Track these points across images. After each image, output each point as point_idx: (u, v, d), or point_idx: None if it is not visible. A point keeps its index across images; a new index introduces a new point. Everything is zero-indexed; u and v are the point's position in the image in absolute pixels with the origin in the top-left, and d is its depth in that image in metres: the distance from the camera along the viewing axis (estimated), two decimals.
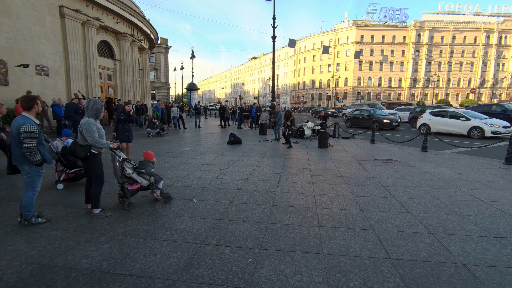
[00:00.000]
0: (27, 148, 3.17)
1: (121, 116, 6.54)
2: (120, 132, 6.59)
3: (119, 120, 6.52)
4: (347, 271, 2.56)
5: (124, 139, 6.61)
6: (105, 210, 3.82)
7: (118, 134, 6.59)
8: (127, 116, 6.61)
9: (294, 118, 10.65)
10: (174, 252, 2.86)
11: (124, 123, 6.57)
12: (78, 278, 2.41)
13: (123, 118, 6.55)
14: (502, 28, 59.31)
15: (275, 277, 2.47)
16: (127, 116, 6.61)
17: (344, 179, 5.77)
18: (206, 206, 4.19)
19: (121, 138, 6.57)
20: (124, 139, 6.61)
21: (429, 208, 4.15)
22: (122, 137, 6.60)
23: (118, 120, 6.52)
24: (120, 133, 6.59)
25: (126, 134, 6.67)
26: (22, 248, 2.93)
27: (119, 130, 6.57)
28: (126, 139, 6.66)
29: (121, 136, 6.58)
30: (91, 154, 3.50)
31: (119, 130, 6.58)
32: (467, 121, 13.12)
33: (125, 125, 6.61)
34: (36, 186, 3.46)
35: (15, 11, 11.82)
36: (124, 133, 6.63)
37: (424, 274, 2.52)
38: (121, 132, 6.60)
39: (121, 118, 6.53)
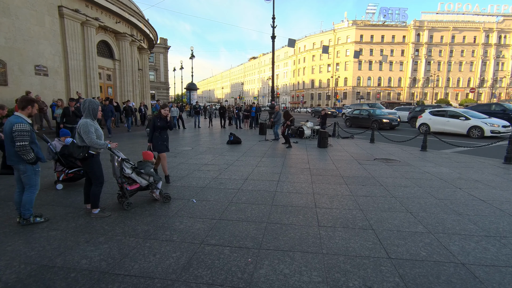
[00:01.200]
0: (20, 146, 3.18)
1: (158, 123, 5.20)
2: (158, 141, 5.26)
3: (155, 128, 5.23)
4: (346, 271, 2.56)
5: (163, 149, 5.33)
6: (104, 210, 3.82)
7: (155, 144, 5.25)
8: (165, 122, 5.26)
9: (293, 118, 10.63)
10: (173, 252, 2.85)
11: (161, 130, 5.28)
12: (77, 279, 2.41)
13: (160, 125, 5.20)
14: (501, 28, 59.35)
15: (274, 277, 2.46)
16: (164, 122, 5.25)
17: (343, 179, 5.77)
18: (206, 206, 4.18)
19: (160, 149, 5.28)
20: (163, 149, 5.33)
21: (428, 208, 4.15)
22: (161, 147, 5.29)
23: (154, 127, 5.23)
24: (158, 142, 5.26)
25: (165, 144, 5.36)
26: (21, 248, 2.92)
27: (155, 139, 5.25)
28: (165, 149, 5.37)
29: (159, 147, 5.27)
30: (89, 155, 3.50)
31: (156, 139, 5.26)
32: (466, 121, 13.13)
33: (163, 133, 5.33)
34: (35, 184, 3.46)
35: (14, 11, 11.80)
36: (162, 143, 5.31)
37: (424, 274, 2.52)
38: (159, 141, 5.27)
39: (157, 125, 5.20)
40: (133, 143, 10.57)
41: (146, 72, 25.29)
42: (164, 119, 5.26)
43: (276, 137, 11.92)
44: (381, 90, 60.77)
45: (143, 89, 23.77)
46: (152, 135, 5.24)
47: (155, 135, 5.24)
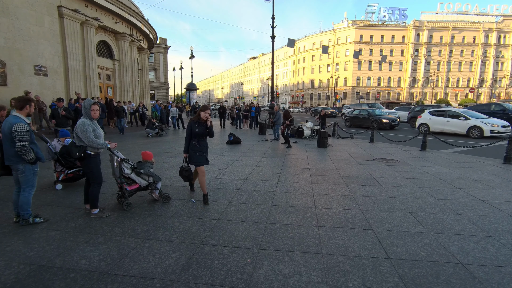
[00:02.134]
0: (20, 146, 3.18)
1: (195, 129, 4.18)
2: (196, 151, 4.23)
3: (193, 134, 4.20)
4: (346, 271, 2.56)
5: (201, 162, 4.25)
6: (103, 210, 3.81)
7: (191, 155, 4.25)
8: (204, 127, 4.21)
9: (293, 118, 10.64)
10: (172, 253, 2.85)
11: (200, 138, 4.24)
12: (76, 279, 2.40)
13: (198, 131, 4.17)
14: (501, 28, 59.42)
15: (273, 277, 2.46)
16: (204, 128, 4.21)
17: (343, 179, 5.77)
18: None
19: (198, 161, 4.23)
20: (201, 162, 4.25)
21: (428, 208, 4.15)
22: (199, 159, 4.23)
23: (191, 134, 4.22)
24: (196, 153, 4.22)
25: (204, 156, 4.31)
26: (20, 249, 2.92)
27: (192, 149, 4.23)
28: (204, 161, 4.31)
29: (197, 158, 4.23)
30: (86, 155, 3.49)
31: (193, 150, 4.22)
32: (466, 121, 13.15)
33: (202, 141, 4.28)
34: (32, 184, 3.46)
35: (14, 11, 11.79)
36: (201, 154, 4.27)
37: (423, 274, 2.52)
38: (197, 151, 4.23)
39: (195, 131, 4.18)
40: (133, 143, 10.56)
41: (145, 72, 25.29)
42: (203, 124, 4.19)
43: (276, 137, 11.93)
44: (381, 90, 60.80)
45: (143, 89, 23.77)
46: (189, 144, 4.24)
47: (192, 144, 4.21)
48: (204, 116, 4.18)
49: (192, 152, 4.25)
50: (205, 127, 4.21)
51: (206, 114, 4.19)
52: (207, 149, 4.43)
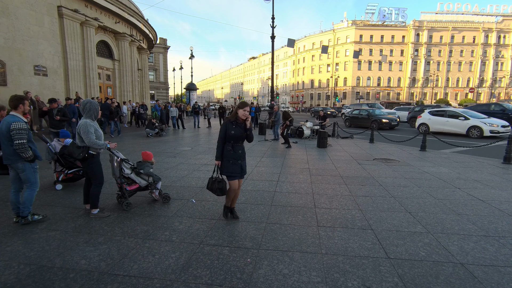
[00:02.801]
0: (19, 144, 3.20)
1: (232, 130, 3.38)
2: (230, 159, 3.41)
3: (228, 138, 3.40)
4: (345, 271, 2.56)
5: (236, 173, 3.46)
6: (103, 210, 3.82)
7: (225, 164, 3.43)
8: (243, 129, 3.44)
9: (292, 118, 10.64)
10: (172, 253, 2.85)
11: (236, 142, 3.44)
12: (76, 279, 2.40)
13: (234, 133, 3.38)
14: (500, 28, 59.42)
15: (273, 277, 2.46)
16: (241, 130, 3.42)
17: (343, 179, 5.77)
18: (205, 206, 4.18)
19: (232, 172, 3.43)
20: (236, 173, 3.46)
21: (427, 208, 4.16)
22: (233, 169, 3.43)
23: (226, 137, 3.41)
24: (230, 161, 3.41)
25: (239, 165, 3.47)
26: (20, 249, 2.92)
27: (227, 155, 3.41)
28: (239, 172, 3.48)
29: (231, 168, 3.42)
30: (89, 155, 3.50)
31: (228, 156, 3.41)
32: (466, 121, 13.15)
33: (238, 146, 3.45)
34: (35, 182, 3.49)
35: (14, 11, 11.79)
36: (235, 162, 3.43)
37: (423, 274, 2.52)
38: (230, 159, 3.41)
39: (231, 133, 3.38)
40: (133, 144, 10.56)
41: (145, 72, 25.29)
42: (241, 124, 3.41)
43: (276, 137, 11.93)
44: (381, 90, 60.80)
45: (143, 89, 23.78)
46: (222, 149, 3.42)
47: (227, 150, 3.40)
48: (243, 115, 3.38)
49: (226, 160, 3.41)
50: (244, 129, 3.42)
51: (245, 112, 3.38)
52: (244, 156, 3.54)
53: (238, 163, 3.46)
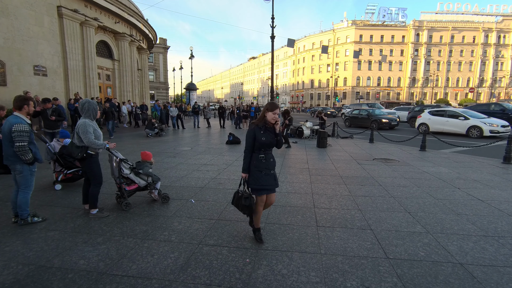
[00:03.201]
0: (19, 146, 3.19)
1: (261, 136, 2.87)
2: (261, 169, 2.89)
3: (259, 145, 2.88)
4: (344, 271, 2.56)
5: (268, 185, 2.91)
6: (102, 210, 3.81)
7: (254, 175, 2.89)
8: (273, 134, 2.93)
9: (292, 117, 10.64)
10: (171, 253, 2.85)
11: (266, 150, 2.94)
12: (75, 279, 2.40)
13: (265, 140, 2.87)
14: (500, 28, 59.41)
15: (272, 277, 2.46)
16: (271, 136, 2.91)
17: (342, 179, 5.77)
18: (204, 206, 4.18)
19: (263, 185, 2.89)
20: (268, 185, 2.91)
21: (427, 208, 4.15)
22: (264, 181, 2.89)
23: (254, 144, 2.90)
24: (261, 172, 2.89)
25: (272, 175, 2.96)
26: (19, 249, 2.92)
27: (257, 164, 2.90)
28: (272, 184, 2.95)
29: (262, 180, 2.88)
30: (88, 155, 3.49)
31: (258, 166, 2.89)
32: (465, 121, 13.15)
33: (268, 154, 2.96)
34: (30, 185, 3.47)
35: (13, 11, 11.79)
36: (267, 172, 2.92)
37: (422, 274, 2.52)
38: (263, 169, 2.90)
39: (261, 140, 2.87)
40: (132, 144, 10.56)
41: (145, 72, 25.30)
42: (271, 129, 2.92)
43: None
44: (381, 90, 60.80)
45: (143, 89, 23.78)
46: (250, 159, 2.92)
47: (257, 159, 2.88)
48: (272, 118, 2.87)
49: (255, 170, 2.87)
50: (274, 134, 2.92)
51: (275, 115, 2.87)
52: (275, 165, 3.03)
53: (271, 173, 2.95)
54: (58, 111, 7.85)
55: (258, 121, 2.97)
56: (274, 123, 2.93)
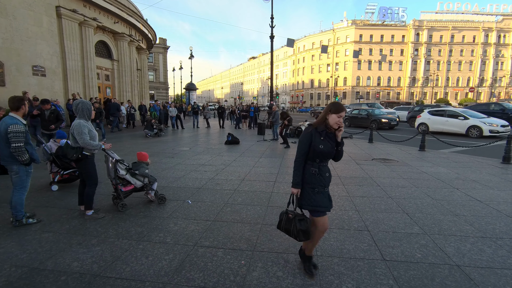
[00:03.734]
0: (15, 147, 3.19)
1: (319, 144, 2.32)
2: (315, 185, 2.37)
3: (315, 154, 2.34)
4: (340, 273, 2.53)
5: (325, 205, 2.38)
6: (98, 211, 3.79)
7: (308, 191, 2.37)
8: (333, 142, 2.38)
9: (291, 117, 10.61)
10: (166, 255, 2.82)
11: (322, 161, 2.40)
12: (67, 282, 2.38)
13: (323, 149, 2.32)
14: (500, 27, 59.33)
15: (267, 280, 2.44)
16: (332, 144, 2.37)
17: (340, 179, 5.74)
18: (201, 207, 4.15)
19: (321, 204, 2.36)
20: (325, 205, 2.38)
21: (425, 209, 4.13)
22: (319, 200, 2.35)
23: (308, 154, 2.37)
24: (314, 188, 2.36)
25: (327, 193, 2.43)
26: (13, 250, 2.89)
27: (310, 180, 2.38)
28: (328, 204, 2.41)
29: (316, 198, 2.35)
30: (83, 156, 3.47)
31: (311, 182, 2.37)
32: (465, 120, 13.12)
33: (325, 167, 2.42)
34: (25, 186, 3.46)
35: (12, 11, 11.77)
36: (322, 189, 2.38)
37: (418, 276, 2.49)
38: (317, 185, 2.37)
39: (318, 148, 2.31)
40: (131, 144, 10.53)
41: (145, 72, 25.28)
42: (332, 135, 2.37)
43: (275, 137, 11.90)
44: (381, 90, 60.76)
45: (142, 89, 23.76)
46: (303, 170, 2.38)
47: (309, 172, 2.36)
48: (336, 122, 2.31)
49: (306, 187, 2.37)
50: (334, 141, 2.37)
51: (340, 119, 2.30)
52: (330, 179, 2.46)
53: (325, 191, 2.40)
54: (56, 113, 7.73)
55: (317, 123, 2.40)
56: (337, 129, 2.34)
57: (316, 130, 2.37)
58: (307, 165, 2.39)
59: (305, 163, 2.39)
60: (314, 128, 2.39)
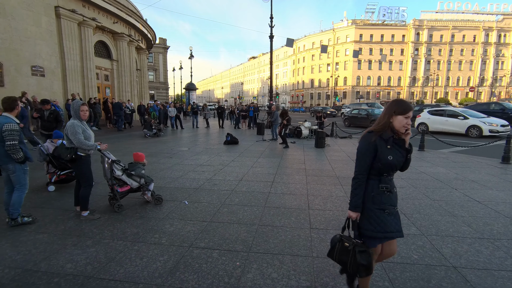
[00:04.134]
0: (10, 145, 3.21)
1: (388, 154, 1.87)
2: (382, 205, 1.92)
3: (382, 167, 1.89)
4: (336, 275, 2.51)
5: (395, 229, 1.92)
6: (93, 212, 3.77)
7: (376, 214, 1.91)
8: (404, 151, 1.94)
9: (290, 117, 10.59)
10: (161, 256, 2.80)
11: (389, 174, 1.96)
12: (60, 284, 2.36)
13: (392, 160, 1.87)
14: (501, 27, 59.20)
15: (262, 282, 2.42)
16: (403, 153, 1.94)
17: (339, 180, 5.72)
18: (198, 208, 4.13)
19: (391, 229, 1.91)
20: (395, 229, 1.92)
21: (423, 209, 4.10)
22: (391, 224, 1.91)
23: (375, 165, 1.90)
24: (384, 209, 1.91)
25: (397, 213, 1.99)
26: (7, 252, 2.88)
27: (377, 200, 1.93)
28: (399, 226, 1.95)
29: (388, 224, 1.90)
30: (77, 156, 3.45)
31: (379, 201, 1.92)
32: (465, 120, 13.08)
33: (391, 181, 1.98)
34: (24, 184, 3.48)
35: (10, 12, 11.76)
36: (393, 209, 1.95)
37: (414, 278, 2.47)
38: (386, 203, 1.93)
39: (386, 160, 1.86)
40: (130, 144, 10.52)
41: (144, 72, 25.26)
42: (400, 142, 1.95)
43: (274, 137, 11.88)
44: (381, 90, 60.67)
45: (142, 89, 23.74)
46: (364, 188, 1.99)
47: (375, 190, 1.95)
48: (404, 125, 1.89)
49: (373, 209, 1.93)
50: (404, 150, 1.96)
51: (408, 120, 1.89)
52: (397, 199, 2.06)
53: (396, 211, 1.98)
54: (55, 114, 7.63)
55: (380, 128, 1.92)
56: (405, 133, 1.91)
57: (380, 137, 1.91)
58: (371, 181, 1.95)
59: (368, 179, 1.95)
60: (378, 136, 1.91)
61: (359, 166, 1.96)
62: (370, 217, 1.94)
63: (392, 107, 1.92)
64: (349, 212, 2.03)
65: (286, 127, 10.54)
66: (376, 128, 1.95)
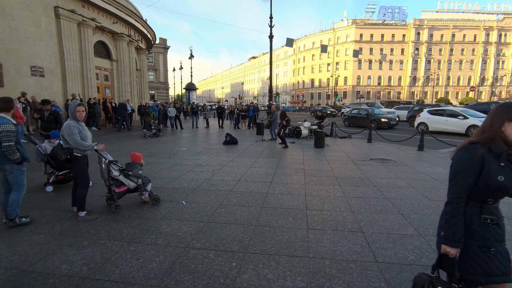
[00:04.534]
0: (6, 146, 3.20)
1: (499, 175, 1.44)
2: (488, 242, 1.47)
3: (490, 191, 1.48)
4: (331, 276, 2.50)
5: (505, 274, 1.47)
6: (90, 213, 3.77)
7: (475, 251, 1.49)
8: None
9: (289, 118, 10.58)
10: (157, 256, 2.80)
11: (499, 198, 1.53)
12: (55, 285, 2.36)
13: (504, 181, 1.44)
14: (501, 26, 59.10)
15: (257, 282, 2.41)
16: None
17: (337, 180, 5.71)
18: (195, 208, 4.13)
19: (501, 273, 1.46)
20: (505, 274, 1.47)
21: (421, 209, 4.09)
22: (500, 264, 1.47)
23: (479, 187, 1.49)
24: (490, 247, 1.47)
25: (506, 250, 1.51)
26: (3, 252, 2.88)
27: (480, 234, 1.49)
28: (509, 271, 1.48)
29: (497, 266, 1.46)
30: (73, 157, 3.45)
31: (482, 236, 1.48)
32: (465, 120, 13.05)
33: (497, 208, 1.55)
34: (22, 184, 3.48)
35: (10, 12, 11.77)
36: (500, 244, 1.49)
37: (410, 279, 2.44)
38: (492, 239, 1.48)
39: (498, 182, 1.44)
40: (129, 144, 10.52)
41: (144, 72, 25.27)
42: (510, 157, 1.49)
43: (273, 137, 11.87)
44: (381, 89, 60.62)
45: (141, 89, 23.75)
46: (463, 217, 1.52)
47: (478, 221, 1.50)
48: None
49: (475, 247, 1.52)
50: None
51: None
52: None
53: (504, 247, 1.53)
54: (55, 114, 7.59)
55: (488, 139, 1.51)
56: None
57: (489, 151, 1.48)
58: (469, 209, 1.54)
59: (467, 205, 1.54)
60: (486, 147, 1.49)
61: (456, 187, 1.54)
62: (468, 255, 1.51)
63: (504, 113, 1.48)
64: (445, 247, 1.53)
65: (285, 127, 10.52)
66: (482, 138, 1.51)
